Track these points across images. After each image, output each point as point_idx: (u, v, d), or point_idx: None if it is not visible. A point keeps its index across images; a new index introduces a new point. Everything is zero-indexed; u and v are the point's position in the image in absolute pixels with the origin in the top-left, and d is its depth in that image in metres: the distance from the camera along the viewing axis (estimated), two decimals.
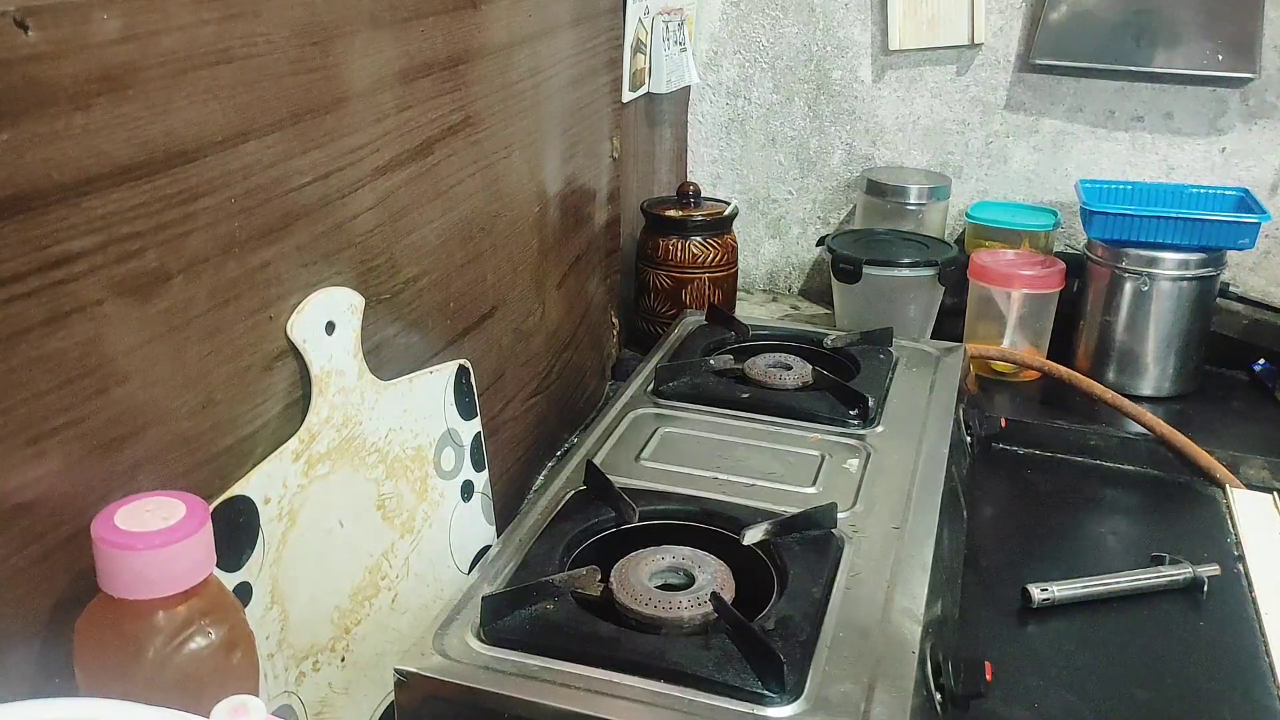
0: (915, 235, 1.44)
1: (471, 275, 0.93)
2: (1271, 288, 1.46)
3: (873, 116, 1.58)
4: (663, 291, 1.40)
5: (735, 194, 1.66)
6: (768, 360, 1.08)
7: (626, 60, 1.30)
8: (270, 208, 0.66)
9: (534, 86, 1.02)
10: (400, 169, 0.80)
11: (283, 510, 0.68)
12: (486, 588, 0.73)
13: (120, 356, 0.56)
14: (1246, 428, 1.25)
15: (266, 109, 0.64)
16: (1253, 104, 1.42)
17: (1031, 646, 0.91)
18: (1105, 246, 1.32)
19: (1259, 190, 1.41)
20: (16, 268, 0.49)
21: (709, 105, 1.65)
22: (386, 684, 0.68)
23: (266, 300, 0.67)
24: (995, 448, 1.19)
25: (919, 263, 1.34)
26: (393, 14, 0.76)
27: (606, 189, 1.28)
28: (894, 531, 0.82)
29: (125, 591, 0.51)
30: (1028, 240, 1.44)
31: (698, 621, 0.70)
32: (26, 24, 0.48)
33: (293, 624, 0.69)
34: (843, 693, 0.65)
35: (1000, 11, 1.49)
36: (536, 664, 0.67)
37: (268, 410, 0.68)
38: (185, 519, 0.52)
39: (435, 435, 0.84)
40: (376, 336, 0.79)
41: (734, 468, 0.90)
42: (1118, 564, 1.00)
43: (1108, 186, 1.40)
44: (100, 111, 0.52)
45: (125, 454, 0.57)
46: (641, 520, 0.81)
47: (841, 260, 1.36)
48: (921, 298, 1.37)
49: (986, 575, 1.00)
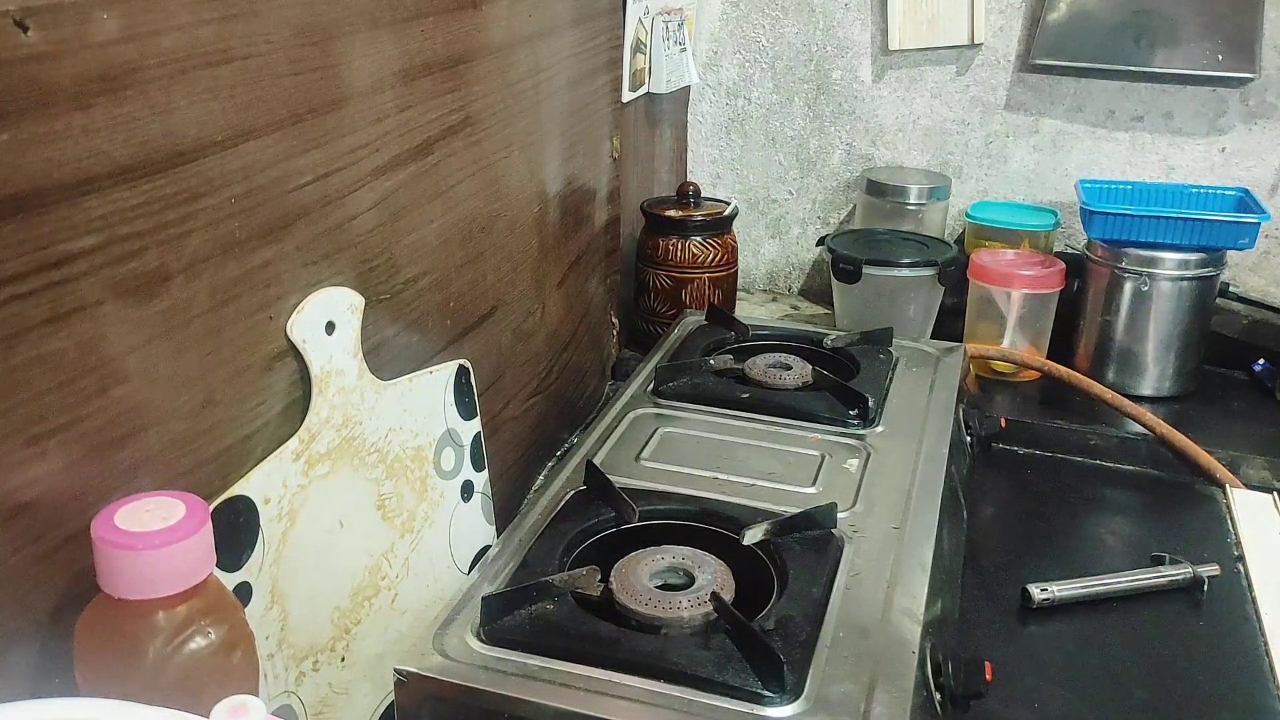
0: (915, 235, 1.44)
1: (471, 275, 0.93)
2: (1271, 288, 1.46)
3: (873, 116, 1.58)
4: (663, 291, 1.40)
5: (735, 194, 1.66)
6: (768, 360, 1.08)
7: (626, 60, 1.30)
8: (270, 208, 0.66)
9: (534, 86, 1.02)
10: (400, 169, 0.80)
11: (283, 510, 0.68)
12: (486, 588, 0.73)
13: (120, 356, 0.56)
14: (1246, 428, 1.25)
15: (266, 109, 0.64)
16: (1253, 104, 1.42)
17: (1031, 646, 0.91)
18: (1105, 246, 1.32)
19: (1259, 190, 1.41)
20: (16, 268, 0.49)
21: (709, 105, 1.65)
22: (386, 684, 0.68)
23: (266, 300, 0.67)
24: (995, 448, 1.19)
25: (919, 263, 1.34)
26: (393, 14, 0.76)
27: (606, 189, 1.28)
28: (894, 531, 0.82)
29: (125, 591, 0.51)
30: (1028, 240, 1.44)
31: (698, 621, 0.70)
32: (26, 24, 0.48)
33: (293, 624, 0.69)
34: (843, 693, 0.65)
35: (1000, 11, 1.49)
36: (536, 664, 0.67)
37: (268, 410, 0.68)
38: (185, 519, 0.52)
39: (435, 435, 0.84)
40: (376, 336, 0.79)
41: (734, 468, 0.90)
42: (1118, 564, 1.00)
43: (1108, 186, 1.40)
44: (100, 111, 0.52)
45: (125, 454, 0.57)
46: (641, 520, 0.81)
47: (841, 260, 1.36)
48: (921, 298, 1.37)
49: (986, 575, 1.00)
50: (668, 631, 0.70)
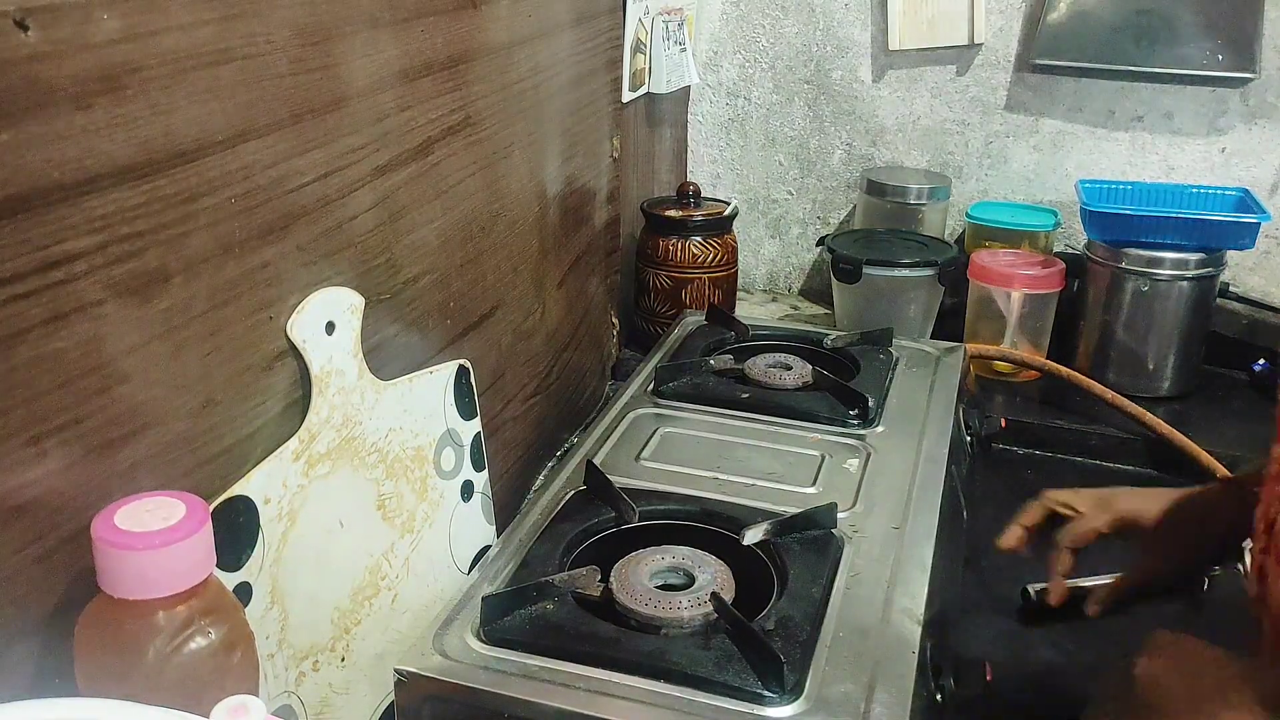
0: (914, 235, 1.44)
1: (471, 275, 0.93)
2: (1271, 288, 1.46)
3: (873, 116, 1.58)
4: (663, 291, 1.40)
5: (735, 194, 1.66)
6: (768, 360, 1.08)
7: (626, 60, 1.30)
8: (270, 208, 0.66)
9: (534, 86, 1.02)
10: (400, 169, 0.80)
11: (283, 510, 0.68)
12: (486, 588, 0.73)
13: (120, 356, 0.56)
14: (1246, 428, 1.25)
15: (266, 109, 0.64)
16: (1253, 104, 1.42)
17: (1031, 646, 0.91)
18: (1105, 247, 1.32)
19: (1259, 190, 1.41)
20: (16, 268, 0.49)
21: (709, 105, 1.65)
22: (386, 684, 0.68)
23: (266, 300, 0.67)
24: (995, 448, 1.19)
25: (919, 263, 1.34)
26: (393, 14, 0.76)
27: (606, 189, 1.28)
28: (894, 531, 0.82)
29: (125, 591, 0.51)
30: (1028, 240, 1.44)
31: (698, 621, 0.70)
32: (26, 24, 0.48)
33: (293, 624, 0.69)
34: (843, 693, 0.65)
35: (1000, 11, 1.49)
36: (536, 664, 0.67)
37: (268, 410, 0.68)
38: (185, 519, 0.52)
39: (435, 435, 0.84)
40: (376, 336, 0.79)
41: (734, 468, 0.90)
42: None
43: (1107, 186, 1.40)
44: (100, 111, 0.52)
45: (125, 454, 0.57)
46: (641, 520, 0.81)
47: (842, 260, 1.36)
48: (921, 297, 1.37)
49: (986, 575, 1.00)
50: (668, 631, 0.70)
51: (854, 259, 1.35)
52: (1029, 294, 1.33)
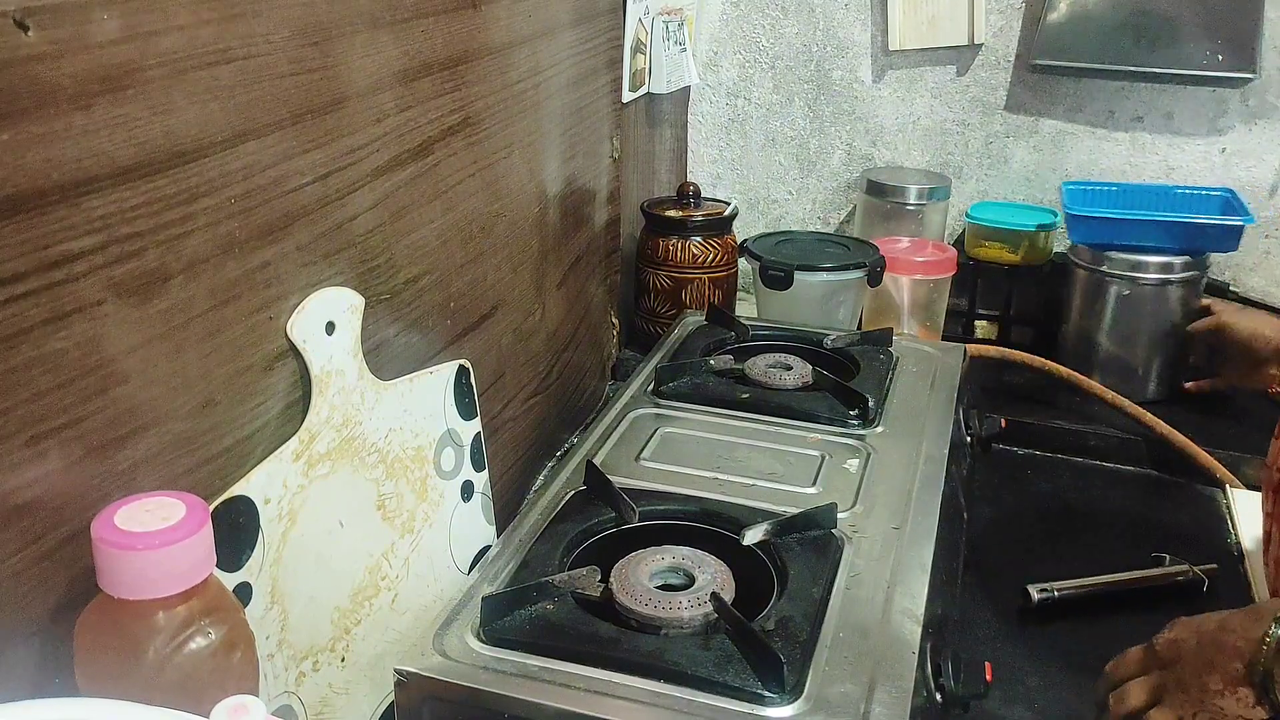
0: (833, 237, 1.41)
1: (471, 275, 0.93)
2: (1271, 288, 1.46)
3: (873, 116, 1.58)
4: (663, 291, 1.40)
5: (735, 194, 1.66)
6: (768, 360, 1.08)
7: (626, 60, 1.30)
8: (270, 208, 0.66)
9: (534, 86, 1.02)
10: (400, 169, 0.80)
11: (283, 510, 0.68)
12: (486, 588, 0.73)
13: (120, 357, 0.56)
14: (1246, 428, 1.25)
15: (266, 109, 0.64)
16: (1253, 104, 1.42)
17: (1031, 646, 0.91)
18: (1088, 250, 1.32)
19: (1258, 190, 1.41)
20: (16, 268, 0.49)
21: (709, 105, 1.65)
22: (386, 684, 0.68)
23: (266, 300, 0.67)
24: (995, 448, 1.19)
25: (849, 265, 1.30)
26: (393, 14, 0.76)
27: (606, 189, 1.28)
28: (894, 531, 0.82)
29: (125, 591, 0.51)
30: (1028, 240, 1.44)
31: (698, 622, 0.70)
32: (26, 24, 0.48)
33: (293, 624, 0.69)
34: (843, 693, 0.65)
35: (1000, 11, 1.49)
36: (536, 664, 0.67)
37: (268, 410, 0.68)
38: (185, 519, 0.52)
39: (435, 435, 0.84)
40: (376, 336, 0.79)
41: (734, 468, 0.90)
42: (1118, 564, 1.00)
43: (1091, 188, 1.40)
44: (100, 111, 0.52)
45: (125, 454, 0.57)
46: (641, 520, 0.81)
47: (771, 267, 1.29)
48: (849, 299, 1.33)
49: (986, 575, 1.00)
50: (668, 632, 0.70)
51: (785, 265, 1.28)
52: (918, 280, 1.34)
